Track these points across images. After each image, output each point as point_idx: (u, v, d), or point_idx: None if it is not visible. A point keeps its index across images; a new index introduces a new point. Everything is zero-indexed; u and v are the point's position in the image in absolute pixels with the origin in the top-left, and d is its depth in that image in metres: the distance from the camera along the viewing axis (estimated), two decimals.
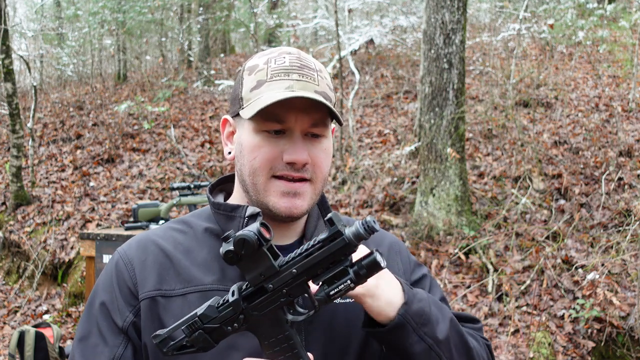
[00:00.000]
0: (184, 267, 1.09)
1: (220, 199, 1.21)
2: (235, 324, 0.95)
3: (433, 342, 1.03)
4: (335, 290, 0.91)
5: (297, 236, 1.17)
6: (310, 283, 0.95)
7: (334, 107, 1.09)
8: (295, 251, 0.93)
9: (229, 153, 1.15)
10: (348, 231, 0.89)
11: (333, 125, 1.16)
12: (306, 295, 0.94)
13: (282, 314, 0.95)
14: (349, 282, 0.90)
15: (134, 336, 1.07)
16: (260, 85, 1.05)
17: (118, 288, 1.09)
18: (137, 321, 1.07)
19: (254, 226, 0.90)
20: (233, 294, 0.95)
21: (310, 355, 1.00)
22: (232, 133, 1.15)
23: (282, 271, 0.92)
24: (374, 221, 0.89)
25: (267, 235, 0.91)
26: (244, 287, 0.96)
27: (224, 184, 1.26)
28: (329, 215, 0.90)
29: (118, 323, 1.07)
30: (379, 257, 0.90)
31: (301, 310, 0.97)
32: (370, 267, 0.90)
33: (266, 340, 0.96)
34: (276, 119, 1.04)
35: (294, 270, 0.92)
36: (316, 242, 0.91)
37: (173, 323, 0.99)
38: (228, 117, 1.16)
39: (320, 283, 0.93)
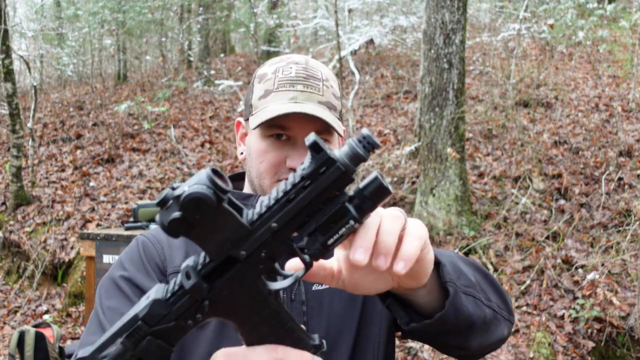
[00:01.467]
0: None
1: None
2: (199, 315, 0.68)
3: (474, 291, 0.92)
4: (335, 237, 0.66)
5: None
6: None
7: (340, 114, 1.15)
8: (268, 196, 0.67)
9: (241, 154, 1.21)
10: (340, 155, 0.65)
11: (344, 127, 1.20)
12: (293, 253, 0.69)
13: (262, 285, 0.69)
14: (351, 222, 0.66)
15: None
16: (267, 95, 1.10)
17: (146, 261, 1.09)
18: None
19: (203, 175, 0.62)
20: (188, 277, 0.67)
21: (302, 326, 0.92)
22: (245, 135, 1.21)
23: (255, 229, 0.66)
24: (371, 134, 0.65)
25: (224, 185, 0.63)
26: (200, 262, 0.68)
27: (236, 182, 1.29)
28: (311, 137, 0.64)
29: (145, 287, 1.04)
30: (383, 181, 0.66)
31: (285, 272, 0.71)
32: (375, 196, 0.66)
33: (246, 323, 0.70)
34: (280, 128, 1.09)
35: (274, 224, 0.65)
36: (298, 179, 0.65)
37: None
38: (242, 120, 1.22)
39: (310, 233, 0.67)
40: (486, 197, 5.72)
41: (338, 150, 0.66)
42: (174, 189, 0.62)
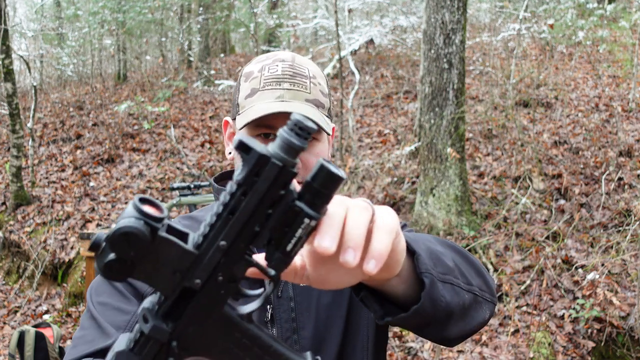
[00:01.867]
0: None
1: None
2: (171, 359, 0.61)
3: (452, 278, 0.87)
4: (293, 241, 0.59)
5: None
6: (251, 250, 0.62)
7: (329, 111, 1.13)
8: (209, 214, 0.59)
9: (229, 153, 1.18)
10: (273, 149, 0.56)
11: (333, 124, 1.18)
12: (254, 268, 0.61)
13: (229, 311, 0.62)
14: (306, 220, 0.58)
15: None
16: (254, 94, 1.09)
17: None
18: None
19: (130, 207, 0.55)
20: (146, 320, 0.60)
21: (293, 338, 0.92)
22: (233, 134, 1.20)
23: (204, 252, 0.58)
24: (302, 119, 0.56)
25: (156, 213, 0.56)
26: (156, 302, 0.61)
27: (225, 180, 1.28)
28: (236, 138, 0.56)
29: (139, 289, 1.04)
30: (331, 167, 0.57)
31: (252, 292, 0.63)
32: (326, 186, 0.58)
33: (225, 356, 0.63)
34: (267, 127, 1.08)
35: (222, 242, 0.58)
36: (235, 187, 0.57)
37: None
38: (229, 119, 1.20)
39: (267, 243, 0.60)
40: (486, 197, 5.72)
41: (271, 144, 0.57)
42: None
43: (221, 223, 0.58)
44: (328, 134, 1.10)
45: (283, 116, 1.06)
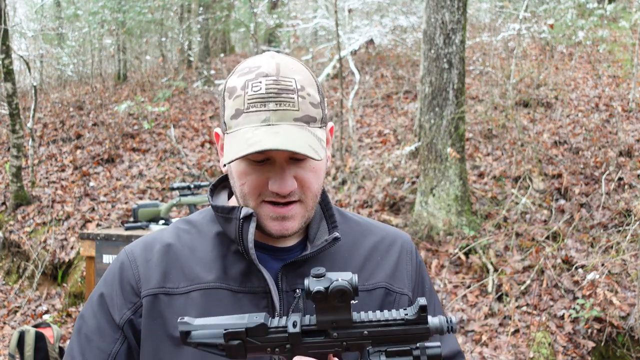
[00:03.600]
0: (188, 266, 1.11)
1: (223, 196, 1.22)
2: (277, 349, 0.94)
3: None
4: None
5: (299, 237, 1.17)
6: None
7: (322, 120, 1.06)
8: (374, 313, 0.94)
9: (224, 166, 1.13)
10: (431, 321, 0.91)
11: (331, 124, 1.15)
12: (359, 355, 0.94)
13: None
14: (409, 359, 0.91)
15: (129, 334, 1.10)
16: (239, 116, 1.02)
17: (120, 285, 1.12)
18: (134, 319, 1.10)
19: (350, 276, 0.90)
20: (294, 325, 0.93)
21: None
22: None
23: (354, 327, 0.92)
24: (455, 321, 0.92)
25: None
26: (306, 322, 0.94)
27: (227, 181, 1.26)
28: (421, 301, 0.91)
29: (115, 319, 1.10)
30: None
31: None
32: (432, 356, 0.92)
33: None
34: (257, 153, 1.00)
35: (366, 332, 0.92)
36: (400, 316, 0.91)
37: (176, 321, 0.99)
38: (219, 132, 1.13)
39: (380, 352, 0.92)
40: (486, 197, 5.72)
41: (432, 317, 0.93)
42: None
43: (376, 323, 0.93)
44: (317, 160, 1.01)
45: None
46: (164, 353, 1.08)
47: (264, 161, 1.04)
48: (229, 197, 1.23)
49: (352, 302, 0.90)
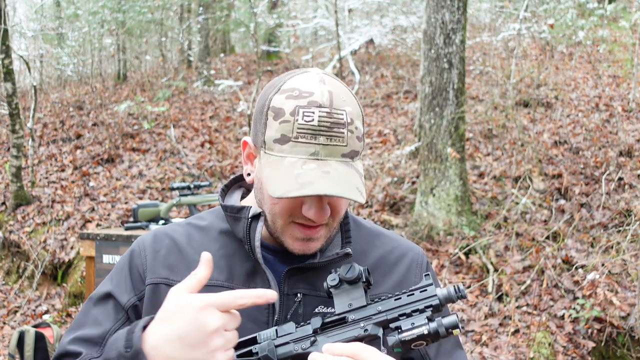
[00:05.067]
0: (193, 262, 1.11)
1: (236, 196, 1.23)
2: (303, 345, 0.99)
3: None
4: (409, 336, 0.92)
5: None
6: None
7: (361, 153, 1.05)
8: (382, 293, 1.05)
9: (249, 175, 1.13)
10: (439, 292, 0.95)
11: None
12: (379, 336, 0.96)
13: None
14: (425, 330, 0.91)
15: (133, 318, 1.13)
16: (285, 142, 0.99)
17: (129, 271, 1.17)
18: (139, 305, 1.14)
19: (358, 268, 0.99)
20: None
21: None
22: (253, 157, 1.12)
23: (368, 305, 0.97)
24: (463, 288, 0.94)
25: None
26: (325, 319, 1.00)
27: (237, 184, 1.27)
28: (428, 277, 0.96)
29: (122, 301, 1.15)
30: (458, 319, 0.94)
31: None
32: (448, 326, 0.92)
33: None
34: (310, 195, 1.00)
35: (379, 307, 0.96)
36: (409, 290, 0.97)
37: None
38: (249, 140, 1.11)
39: (395, 328, 0.95)
40: (486, 197, 5.71)
41: (440, 288, 0.97)
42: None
43: (386, 299, 0.99)
44: (361, 202, 1.02)
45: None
46: None
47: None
48: (242, 197, 1.24)
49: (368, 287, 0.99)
